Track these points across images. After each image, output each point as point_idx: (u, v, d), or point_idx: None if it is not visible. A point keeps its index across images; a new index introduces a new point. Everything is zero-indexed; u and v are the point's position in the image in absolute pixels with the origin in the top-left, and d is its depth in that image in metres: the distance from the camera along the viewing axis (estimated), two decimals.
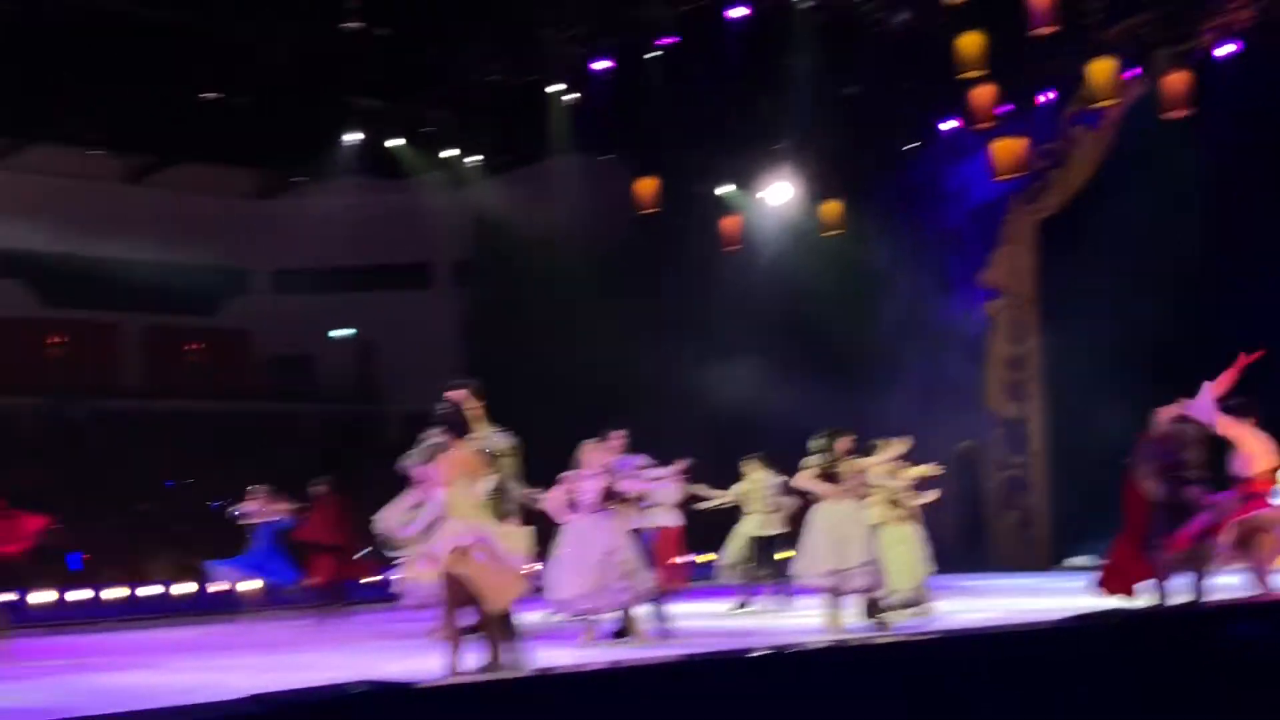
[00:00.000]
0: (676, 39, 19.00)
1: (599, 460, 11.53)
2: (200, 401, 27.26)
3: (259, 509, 15.98)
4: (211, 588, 18.52)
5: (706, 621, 13.51)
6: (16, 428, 24.54)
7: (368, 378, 29.68)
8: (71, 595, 17.57)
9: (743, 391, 20.81)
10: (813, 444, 11.89)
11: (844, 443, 11.94)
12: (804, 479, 11.92)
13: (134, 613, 17.38)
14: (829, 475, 11.77)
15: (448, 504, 8.79)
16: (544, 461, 15.91)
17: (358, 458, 23.82)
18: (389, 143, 24.36)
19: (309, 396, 29.21)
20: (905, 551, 12.84)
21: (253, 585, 17.24)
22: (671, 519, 13.66)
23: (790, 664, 4.53)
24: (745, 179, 23.09)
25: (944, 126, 22.24)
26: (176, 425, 25.92)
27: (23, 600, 16.65)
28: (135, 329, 28.12)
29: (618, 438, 11.99)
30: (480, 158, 24.70)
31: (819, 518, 11.73)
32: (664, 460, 12.98)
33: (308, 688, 3.41)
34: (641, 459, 12.33)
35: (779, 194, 22.70)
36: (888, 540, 12.51)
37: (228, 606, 17.75)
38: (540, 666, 8.17)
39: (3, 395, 25.26)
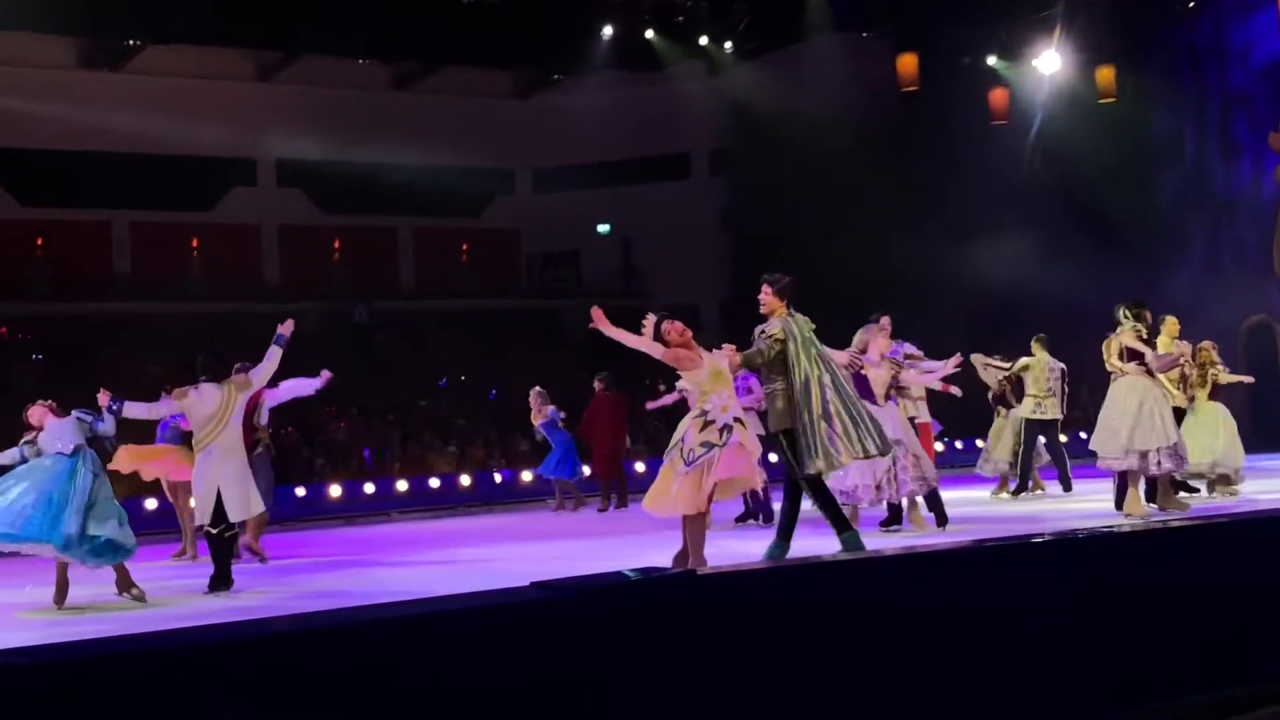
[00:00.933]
0: None
1: (879, 347, 11.27)
2: (471, 300, 28.04)
3: (536, 410, 16.24)
4: (495, 479, 19.12)
5: (979, 508, 13.20)
6: (301, 330, 25.68)
7: (631, 271, 29.97)
8: (365, 488, 18.42)
9: (1015, 272, 20.12)
10: (1122, 312, 11.14)
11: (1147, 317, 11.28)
12: (1127, 337, 11.21)
13: (419, 504, 18.08)
14: (1144, 343, 11.13)
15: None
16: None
17: (622, 352, 24.13)
18: (644, 34, 24.27)
19: (574, 293, 29.71)
20: (1211, 430, 12.36)
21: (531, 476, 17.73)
22: (925, 413, 13.22)
23: (1081, 547, 4.33)
24: (1013, 49, 22.13)
25: None
26: (450, 324, 26.75)
27: (320, 493, 17.56)
28: (408, 232, 29.08)
29: (885, 322, 11.71)
30: (734, 43, 24.36)
31: (1122, 394, 11.08)
32: (930, 345, 12.62)
33: (587, 575, 3.41)
34: (909, 346, 12.02)
35: (1049, 62, 21.68)
36: (1198, 419, 12.10)
37: (508, 496, 18.31)
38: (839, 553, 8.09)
39: (289, 299, 26.54)
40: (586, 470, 16.65)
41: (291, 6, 22.47)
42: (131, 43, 24.67)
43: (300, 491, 17.64)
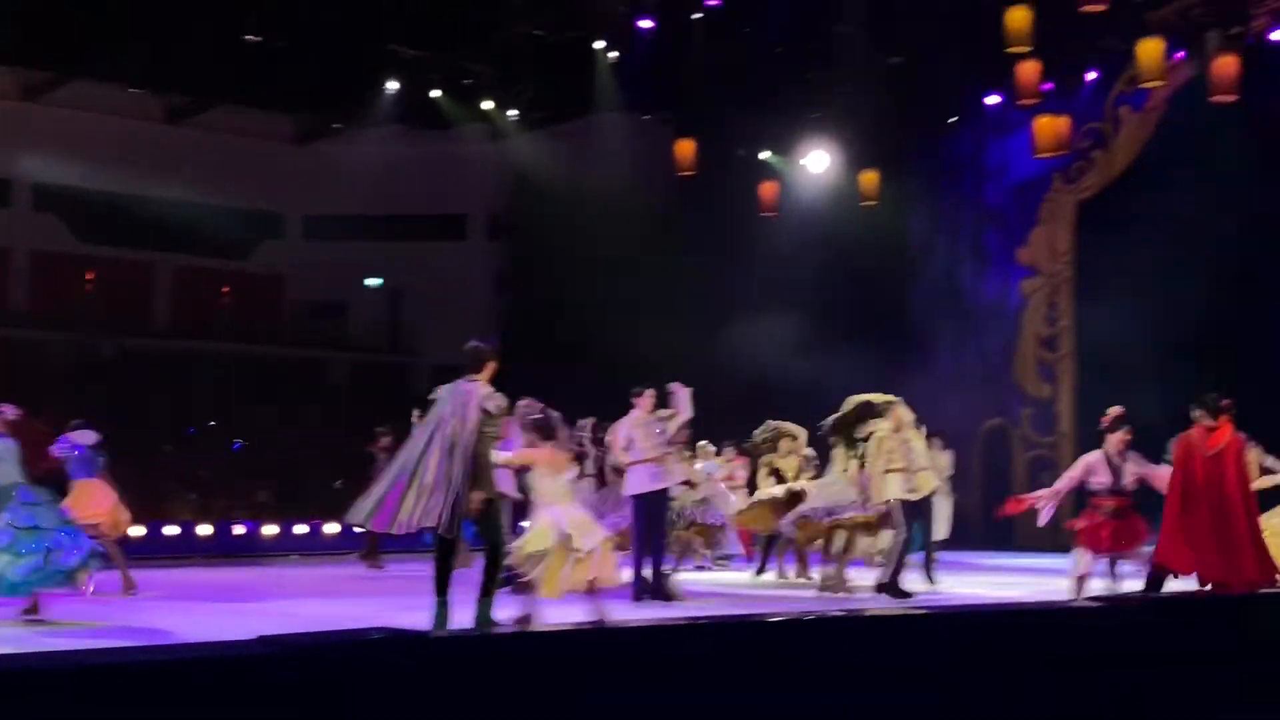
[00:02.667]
0: (718, 2, 18.82)
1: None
2: (229, 344, 27.37)
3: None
4: (235, 530, 18.60)
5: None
6: (48, 361, 24.69)
7: (399, 327, 29.73)
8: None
9: (773, 358, 20.71)
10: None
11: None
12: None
13: (154, 552, 17.46)
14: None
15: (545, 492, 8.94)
16: (571, 420, 15.93)
17: (386, 407, 23.88)
18: (429, 93, 24.29)
19: (339, 344, 29.29)
20: None
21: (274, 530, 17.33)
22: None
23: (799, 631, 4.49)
24: (786, 145, 22.92)
25: (988, 101, 22.02)
26: (204, 367, 26.02)
27: None
28: (167, 269, 28.24)
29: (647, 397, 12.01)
30: (519, 111, 24.60)
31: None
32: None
33: (317, 632, 3.39)
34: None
35: (819, 161, 22.53)
36: None
37: (249, 549, 17.86)
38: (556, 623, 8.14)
39: (36, 329, 25.43)
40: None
41: (65, 27, 21.72)
42: None
43: None
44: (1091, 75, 20.83)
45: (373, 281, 30.00)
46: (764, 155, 23.27)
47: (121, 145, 26.13)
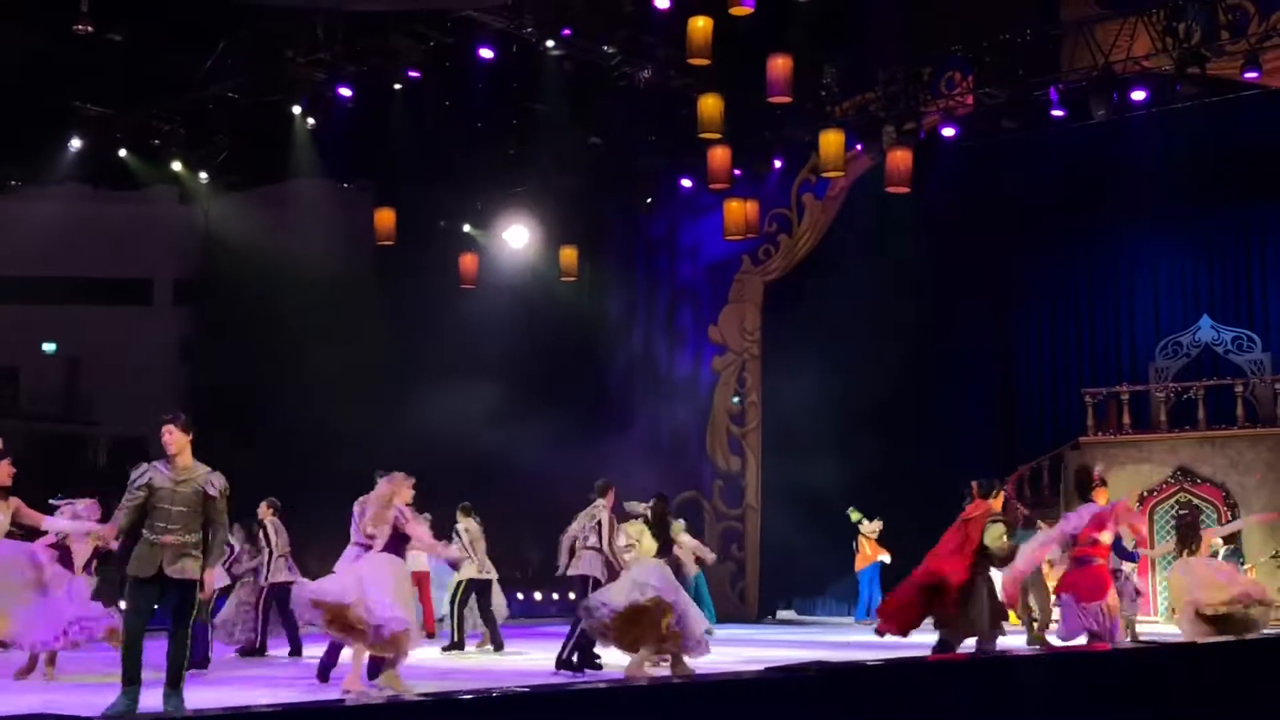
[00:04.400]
0: (419, 74, 18.87)
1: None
2: None
3: None
4: None
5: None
6: None
7: (76, 395, 28.33)
8: None
9: (467, 428, 20.67)
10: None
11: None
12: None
13: None
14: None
15: None
16: (255, 496, 15.49)
17: (62, 478, 22.62)
18: (117, 151, 23.37)
19: (10, 412, 27.68)
20: None
21: None
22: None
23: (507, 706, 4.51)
24: (486, 218, 23.07)
25: (683, 184, 22.71)
26: None
27: None
28: None
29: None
30: (211, 174, 23.95)
31: None
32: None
33: None
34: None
35: (518, 236, 22.78)
36: None
37: None
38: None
39: None
40: None
41: None
42: None
43: None
44: (778, 163, 21.82)
45: (48, 346, 28.53)
46: (465, 228, 23.36)
47: None
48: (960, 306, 22.87)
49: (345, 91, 19.40)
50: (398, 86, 19.26)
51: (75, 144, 22.89)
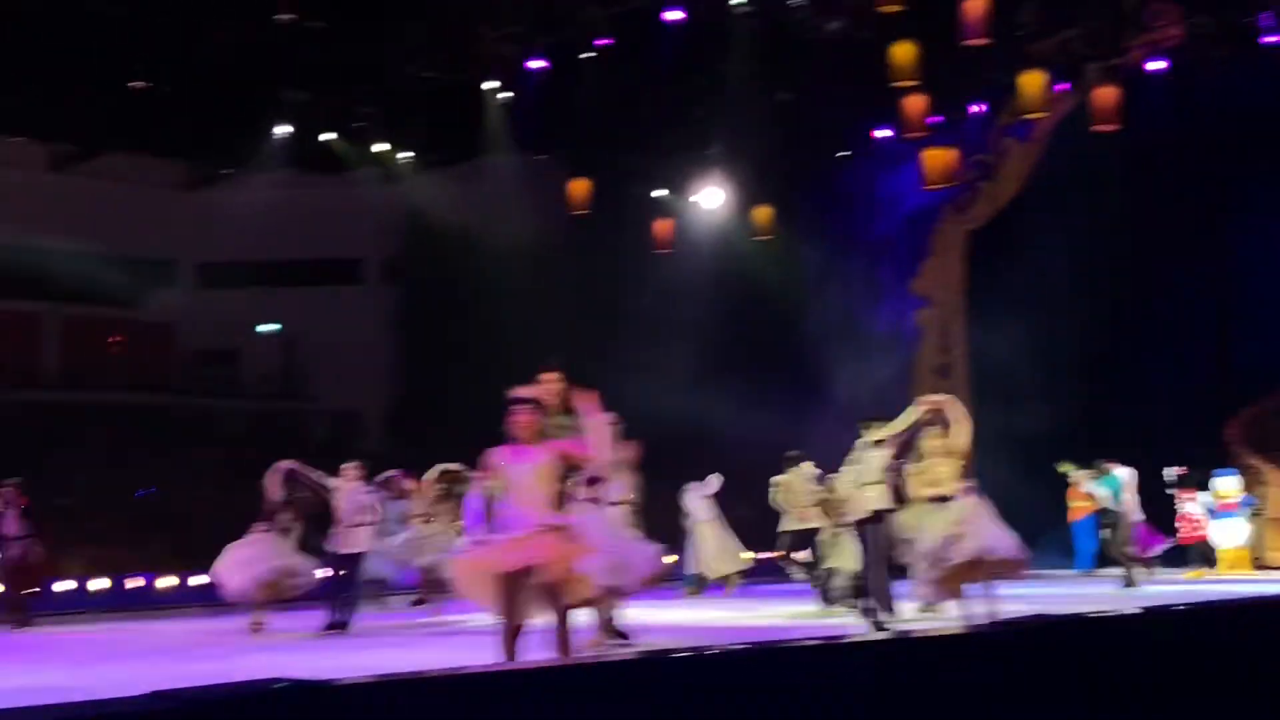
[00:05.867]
0: (611, 40, 18.93)
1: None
2: (121, 394, 26.84)
3: None
4: (129, 584, 18.19)
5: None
6: None
7: (294, 374, 29.37)
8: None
9: (666, 393, 20.76)
10: None
11: None
12: None
13: (49, 608, 17.02)
14: None
15: None
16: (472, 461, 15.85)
17: (282, 455, 23.51)
18: (320, 137, 24.10)
19: (233, 392, 28.87)
20: None
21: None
22: None
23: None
24: (678, 182, 23.08)
25: (877, 135, 22.36)
26: (96, 418, 25.48)
27: None
28: (55, 319, 27.67)
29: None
30: (412, 154, 24.50)
31: None
32: None
33: (212, 685, 3.32)
34: None
35: (711, 198, 22.71)
36: None
37: (145, 603, 17.49)
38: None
39: None
40: None
41: None
42: None
43: None
44: (977, 108, 21.26)
45: (266, 328, 29.63)
46: (657, 193, 23.40)
47: (6, 196, 25.59)
48: (1174, 244, 21.93)
49: (536, 64, 19.59)
50: (587, 56, 19.36)
51: (281, 131, 23.68)
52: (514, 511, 8.06)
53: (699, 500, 17.37)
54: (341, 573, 13.66)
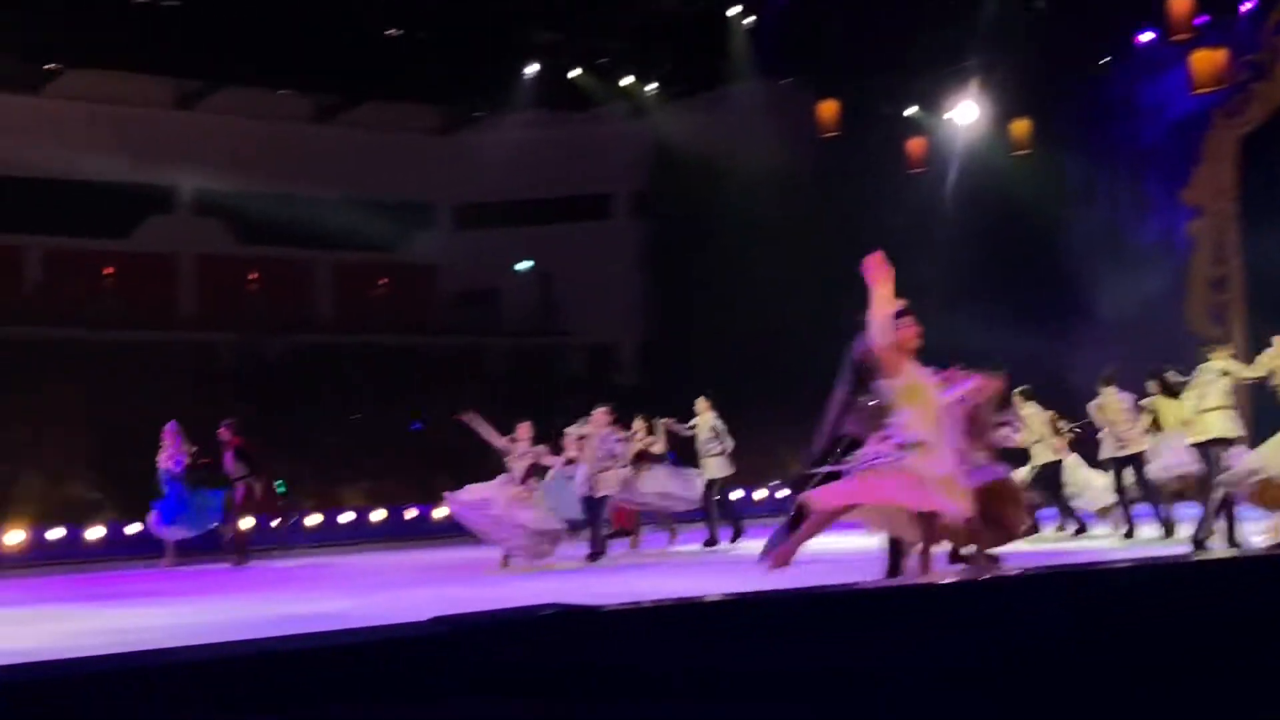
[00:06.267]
0: None
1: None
2: (388, 336, 27.88)
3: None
4: (408, 515, 18.93)
5: None
6: (215, 362, 25.48)
7: (550, 310, 29.96)
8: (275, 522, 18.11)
9: (927, 319, 20.34)
10: None
11: None
12: None
13: (329, 539, 17.90)
14: None
15: None
16: (726, 395, 15.96)
17: (543, 389, 24.09)
18: (568, 74, 24.38)
19: (493, 330, 29.63)
20: None
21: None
22: None
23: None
24: (930, 100, 22.48)
25: (1140, 39, 21.31)
26: (366, 359, 26.56)
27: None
28: (326, 266, 28.89)
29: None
30: (658, 85, 24.55)
31: None
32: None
33: (491, 610, 3.40)
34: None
35: (966, 114, 22.06)
36: None
37: (420, 532, 18.18)
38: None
39: (203, 330, 26.26)
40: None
41: (213, 35, 22.30)
42: (50, 67, 24.35)
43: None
44: (1247, 5, 20.02)
45: (523, 266, 30.28)
46: (909, 111, 22.86)
47: (274, 147, 26.79)
48: None
49: None
50: None
51: (530, 71, 24.06)
52: (938, 442, 7.72)
53: None
54: (589, 515, 13.98)
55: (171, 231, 27.14)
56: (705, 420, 15.21)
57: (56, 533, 15.98)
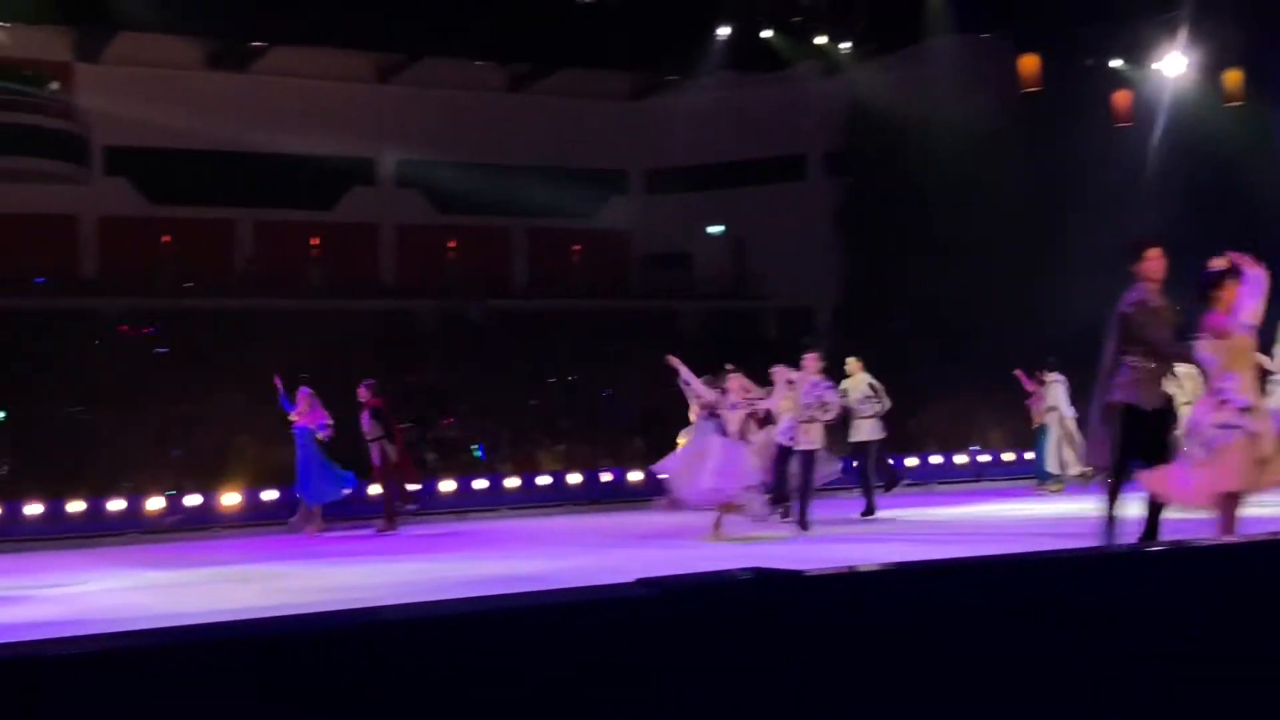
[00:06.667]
0: None
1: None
2: (583, 300, 28.18)
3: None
4: (603, 478, 19.12)
5: None
6: (418, 327, 26.13)
7: (743, 273, 29.87)
8: (475, 484, 18.51)
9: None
10: None
11: None
12: None
13: (528, 501, 18.19)
14: None
15: None
16: (919, 358, 15.65)
17: (736, 353, 24.00)
18: (760, 34, 24.18)
19: (686, 294, 29.70)
20: None
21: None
22: None
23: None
24: (1136, 51, 21.64)
25: None
26: (561, 324, 26.90)
27: (432, 488, 17.71)
28: (521, 232, 29.32)
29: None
30: (852, 43, 24.17)
31: None
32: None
33: (694, 573, 3.39)
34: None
35: (1174, 65, 21.17)
36: None
37: (615, 496, 18.33)
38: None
39: (406, 297, 26.95)
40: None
41: (411, 9, 22.79)
42: (257, 45, 25.21)
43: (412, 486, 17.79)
44: None
45: (715, 229, 30.25)
46: (1114, 64, 22.05)
47: (470, 117, 27.29)
48: None
49: None
50: None
51: (722, 32, 23.93)
52: (1261, 404, 7.53)
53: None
54: (798, 469, 13.67)
55: (373, 202, 27.90)
56: (858, 381, 14.57)
57: (270, 494, 16.58)
